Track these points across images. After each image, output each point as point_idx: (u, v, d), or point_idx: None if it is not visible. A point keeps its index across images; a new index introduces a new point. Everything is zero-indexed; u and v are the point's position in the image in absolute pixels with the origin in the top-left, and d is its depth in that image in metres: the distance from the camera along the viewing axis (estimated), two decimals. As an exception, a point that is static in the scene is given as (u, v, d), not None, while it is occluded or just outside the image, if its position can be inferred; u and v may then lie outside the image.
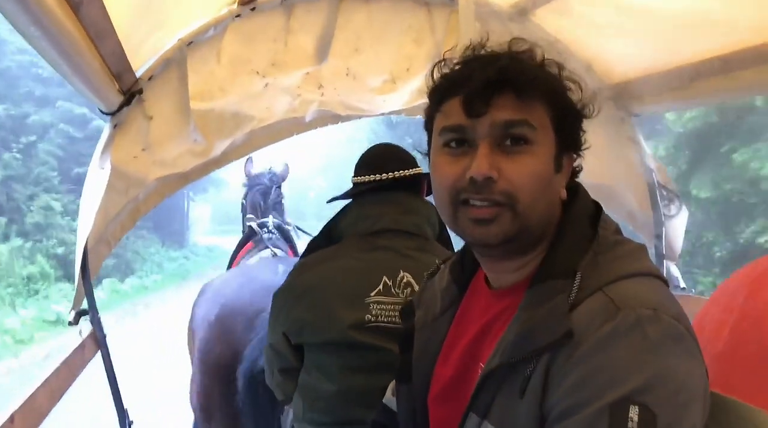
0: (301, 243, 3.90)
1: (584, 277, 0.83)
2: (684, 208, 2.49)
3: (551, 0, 1.97)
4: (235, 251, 3.80)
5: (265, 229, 3.62)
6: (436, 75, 0.97)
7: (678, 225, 2.50)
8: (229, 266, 3.69)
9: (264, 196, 3.90)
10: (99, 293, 11.10)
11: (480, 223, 0.88)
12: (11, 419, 1.25)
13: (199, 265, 21.79)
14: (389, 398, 1.26)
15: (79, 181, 12.84)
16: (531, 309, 0.85)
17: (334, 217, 1.75)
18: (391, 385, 1.27)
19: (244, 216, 4.03)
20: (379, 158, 1.71)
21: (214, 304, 2.59)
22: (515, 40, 0.93)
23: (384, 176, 1.66)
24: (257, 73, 2.12)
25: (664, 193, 2.43)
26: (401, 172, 1.67)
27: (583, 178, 0.99)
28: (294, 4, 2.07)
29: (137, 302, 13.37)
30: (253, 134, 2.49)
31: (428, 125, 1.00)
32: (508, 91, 0.87)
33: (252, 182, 3.97)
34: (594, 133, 0.98)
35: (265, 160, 4.03)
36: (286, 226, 3.83)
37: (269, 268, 2.81)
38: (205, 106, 2.06)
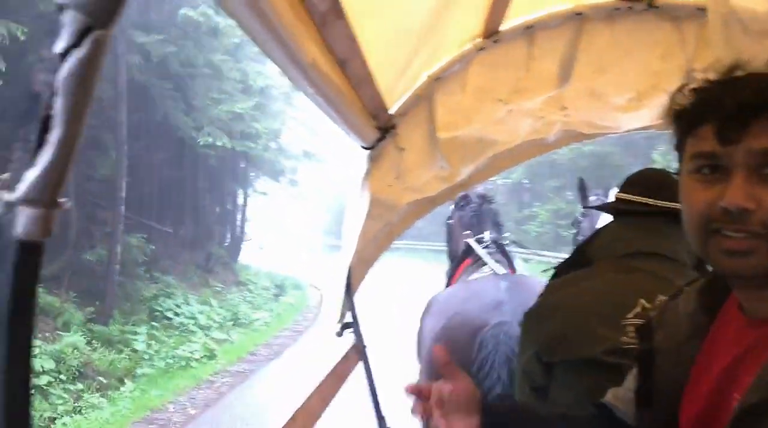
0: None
1: None
2: None
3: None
4: (452, 268, 3.88)
5: (483, 245, 3.65)
6: (682, 96, 0.93)
7: None
8: (447, 284, 3.78)
9: (477, 213, 3.93)
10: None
11: (733, 255, 0.83)
12: (294, 418, 1.46)
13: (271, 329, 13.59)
14: (611, 401, 1.22)
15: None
16: None
17: (587, 239, 1.75)
18: (613, 392, 1.24)
19: (449, 236, 4.10)
20: (653, 182, 1.68)
21: (441, 317, 2.73)
22: None
23: (655, 203, 1.62)
24: (500, 100, 2.20)
25: None
26: (674, 204, 1.61)
27: None
28: (535, 32, 2.12)
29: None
30: (496, 157, 2.58)
31: (678, 147, 0.96)
32: (766, 115, 0.81)
33: (460, 200, 4.02)
34: None
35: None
36: (503, 242, 3.83)
37: (492, 284, 2.87)
38: (450, 134, 2.19)
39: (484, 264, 3.45)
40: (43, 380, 8.04)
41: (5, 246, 0.56)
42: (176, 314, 12.86)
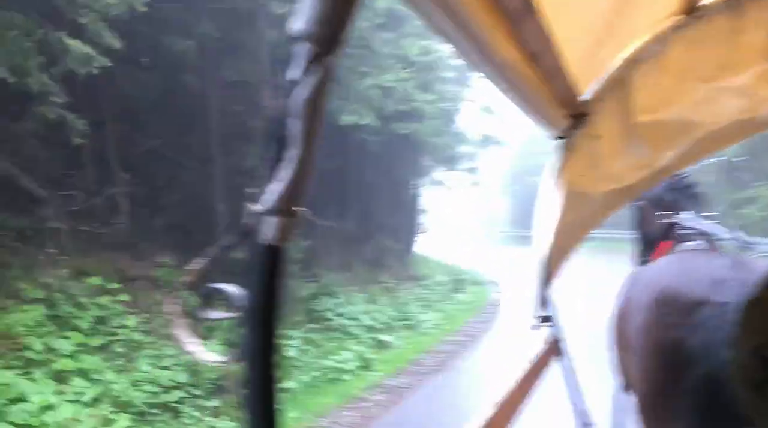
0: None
1: None
2: None
3: None
4: (645, 252, 3.62)
5: (683, 226, 3.37)
6: None
7: None
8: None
9: (674, 191, 3.62)
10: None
11: None
12: (492, 416, 1.50)
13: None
14: None
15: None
16: None
17: None
18: None
19: (640, 220, 3.82)
20: None
21: (651, 290, 2.57)
22: None
23: None
24: (703, 79, 2.06)
25: None
26: None
27: None
28: (741, 3, 1.95)
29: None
30: (701, 140, 2.41)
31: None
32: None
33: None
34: None
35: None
36: (706, 221, 3.50)
37: (708, 260, 2.66)
38: (649, 118, 2.09)
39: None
40: (173, 396, 7.23)
41: (255, 251, 0.64)
42: (338, 314, 11.79)
